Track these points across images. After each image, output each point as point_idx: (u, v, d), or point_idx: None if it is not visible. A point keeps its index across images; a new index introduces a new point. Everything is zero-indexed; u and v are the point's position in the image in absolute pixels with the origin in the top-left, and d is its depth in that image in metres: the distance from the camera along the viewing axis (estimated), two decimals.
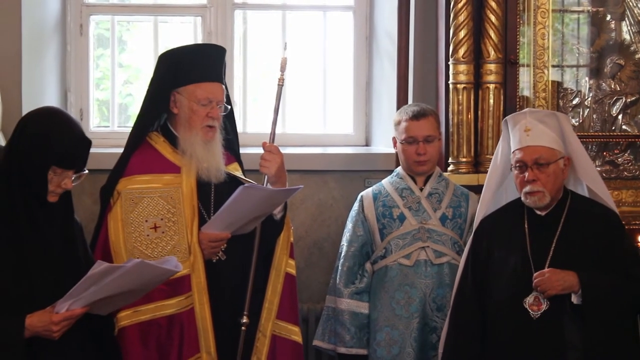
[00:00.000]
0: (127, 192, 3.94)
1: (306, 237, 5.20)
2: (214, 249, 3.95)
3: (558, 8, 4.93)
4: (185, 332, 3.88)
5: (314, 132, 5.57)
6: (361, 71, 5.53)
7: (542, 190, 3.92)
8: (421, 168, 4.53)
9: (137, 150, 4.03)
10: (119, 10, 5.47)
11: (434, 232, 4.48)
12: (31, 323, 3.22)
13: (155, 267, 3.33)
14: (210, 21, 5.40)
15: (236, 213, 3.88)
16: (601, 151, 4.97)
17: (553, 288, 3.82)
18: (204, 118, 3.96)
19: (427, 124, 4.52)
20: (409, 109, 4.60)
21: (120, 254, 3.84)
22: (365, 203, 4.60)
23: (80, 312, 3.26)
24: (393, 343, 4.45)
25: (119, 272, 3.21)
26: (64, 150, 3.31)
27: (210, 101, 3.97)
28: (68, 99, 5.38)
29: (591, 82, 4.98)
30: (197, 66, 3.98)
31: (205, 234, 3.92)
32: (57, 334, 3.24)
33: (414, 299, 4.44)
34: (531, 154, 3.92)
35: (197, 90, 3.96)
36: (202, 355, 3.90)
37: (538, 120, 3.97)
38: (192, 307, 3.89)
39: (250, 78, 5.54)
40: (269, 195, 3.94)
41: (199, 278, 3.90)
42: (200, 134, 3.96)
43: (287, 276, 4.17)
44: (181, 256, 3.88)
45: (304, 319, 4.82)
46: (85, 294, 3.22)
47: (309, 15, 5.62)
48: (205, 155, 3.97)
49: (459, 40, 4.78)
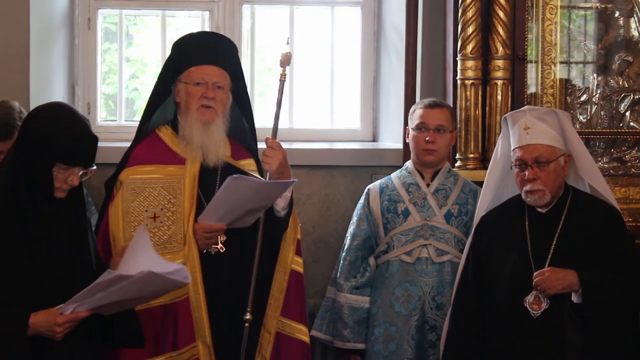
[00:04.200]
0: (129, 182, 3.93)
1: (313, 233, 5.20)
2: (208, 240, 3.91)
3: (566, 4, 4.92)
4: (180, 322, 3.86)
5: (322, 128, 5.57)
6: (369, 67, 5.53)
7: (543, 189, 3.90)
8: (428, 157, 4.51)
9: (142, 141, 4.03)
10: (127, 4, 5.47)
11: (437, 230, 4.46)
12: (35, 322, 3.20)
13: (164, 277, 3.29)
14: (218, 15, 5.41)
15: (228, 204, 3.82)
16: (609, 148, 4.96)
17: (553, 287, 3.81)
18: (199, 98, 3.93)
19: (440, 113, 4.51)
20: (426, 99, 4.62)
21: (119, 243, 3.83)
22: (371, 197, 4.59)
23: (85, 315, 3.24)
24: (390, 339, 4.44)
25: (128, 281, 3.18)
26: (68, 147, 3.27)
27: (206, 81, 3.93)
28: (75, 93, 5.39)
29: (599, 78, 4.97)
30: (194, 51, 3.99)
31: (200, 224, 3.89)
32: (60, 335, 3.22)
33: (414, 297, 4.42)
34: (531, 152, 3.91)
35: (192, 72, 3.95)
36: (197, 344, 3.88)
37: (537, 118, 3.95)
38: (187, 297, 3.86)
39: (257, 72, 5.54)
40: (260, 187, 3.86)
41: (194, 268, 3.86)
42: (196, 114, 3.93)
43: (293, 273, 4.12)
44: (177, 246, 3.87)
45: (310, 314, 4.81)
46: (92, 299, 3.21)
47: (317, 11, 5.62)
48: (202, 137, 3.92)
49: (467, 36, 4.77)
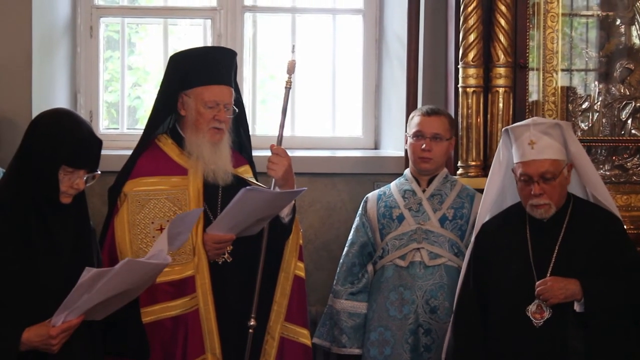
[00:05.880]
0: (133, 194, 3.95)
1: (315, 240, 5.20)
2: (218, 251, 3.95)
3: (568, 12, 4.92)
4: (190, 334, 3.88)
5: (323, 135, 5.58)
6: (370, 74, 5.54)
7: (549, 203, 3.89)
8: (424, 165, 4.52)
9: (145, 152, 4.05)
10: (129, 12, 5.49)
11: (430, 234, 4.46)
12: (28, 337, 3.17)
13: (144, 263, 3.27)
14: (220, 24, 5.41)
15: (239, 215, 3.86)
16: (610, 155, 4.96)
17: (556, 297, 3.80)
18: (210, 120, 3.97)
19: (437, 121, 4.52)
20: (424, 107, 4.63)
21: (126, 255, 3.83)
22: (369, 204, 4.62)
23: (77, 322, 3.22)
24: (385, 344, 4.44)
25: (109, 275, 3.16)
26: (73, 148, 3.28)
27: (217, 104, 3.97)
28: (78, 101, 5.40)
29: (600, 86, 4.97)
30: (205, 68, 3.99)
31: (210, 235, 3.92)
32: (56, 347, 3.21)
33: (408, 300, 4.42)
34: (537, 168, 3.88)
35: (205, 93, 3.97)
36: (207, 356, 3.90)
37: (542, 132, 3.92)
38: (196, 308, 3.89)
39: (259, 80, 5.55)
40: (272, 198, 3.92)
41: (204, 279, 3.90)
42: (207, 135, 3.97)
43: (296, 278, 4.17)
44: (185, 257, 3.89)
45: (312, 321, 4.81)
46: (79, 303, 3.17)
47: (319, 18, 5.62)
48: (212, 157, 3.97)
49: (468, 44, 4.78)
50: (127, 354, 3.63)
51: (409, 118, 4.64)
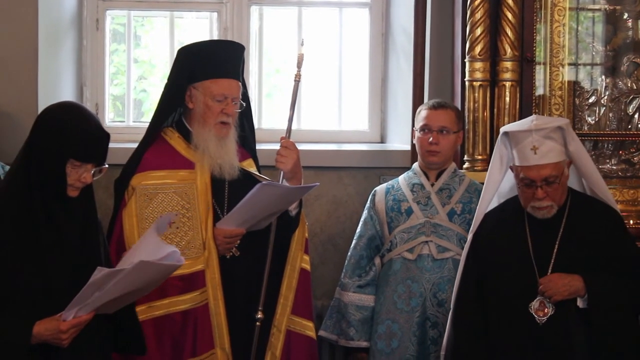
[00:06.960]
0: (141, 188, 3.95)
1: (321, 234, 5.21)
2: (228, 245, 3.96)
3: (574, 6, 4.91)
4: (200, 328, 3.89)
5: (329, 129, 5.57)
6: (377, 68, 5.53)
7: (551, 204, 3.87)
8: (431, 159, 4.52)
9: (151, 146, 4.05)
10: (135, 5, 5.47)
11: (439, 227, 4.47)
12: (39, 331, 3.18)
13: (157, 264, 3.28)
14: (226, 17, 5.41)
15: (253, 210, 3.88)
16: (617, 150, 4.95)
17: (559, 293, 3.79)
18: (218, 114, 3.97)
19: (444, 115, 4.52)
20: (432, 100, 4.64)
21: None
22: (377, 198, 4.62)
23: (88, 318, 3.23)
24: (393, 336, 4.45)
25: (121, 275, 3.17)
26: (81, 142, 3.27)
27: (226, 97, 3.97)
28: (84, 94, 5.40)
29: (607, 80, 4.96)
30: (214, 62, 3.99)
31: (220, 229, 3.93)
32: (66, 341, 3.21)
33: (415, 293, 4.43)
34: (541, 173, 3.84)
35: (213, 86, 3.97)
36: (216, 351, 3.91)
37: (545, 137, 3.86)
38: (206, 303, 3.90)
39: (265, 74, 5.54)
40: (286, 193, 3.94)
41: (214, 274, 3.91)
42: (214, 130, 3.97)
43: (302, 272, 4.17)
44: (195, 252, 3.89)
45: (318, 315, 4.82)
46: (90, 300, 3.19)
47: (325, 12, 5.61)
48: (219, 151, 3.98)
49: (475, 38, 4.77)
50: (125, 350, 3.62)
51: (417, 112, 4.64)
